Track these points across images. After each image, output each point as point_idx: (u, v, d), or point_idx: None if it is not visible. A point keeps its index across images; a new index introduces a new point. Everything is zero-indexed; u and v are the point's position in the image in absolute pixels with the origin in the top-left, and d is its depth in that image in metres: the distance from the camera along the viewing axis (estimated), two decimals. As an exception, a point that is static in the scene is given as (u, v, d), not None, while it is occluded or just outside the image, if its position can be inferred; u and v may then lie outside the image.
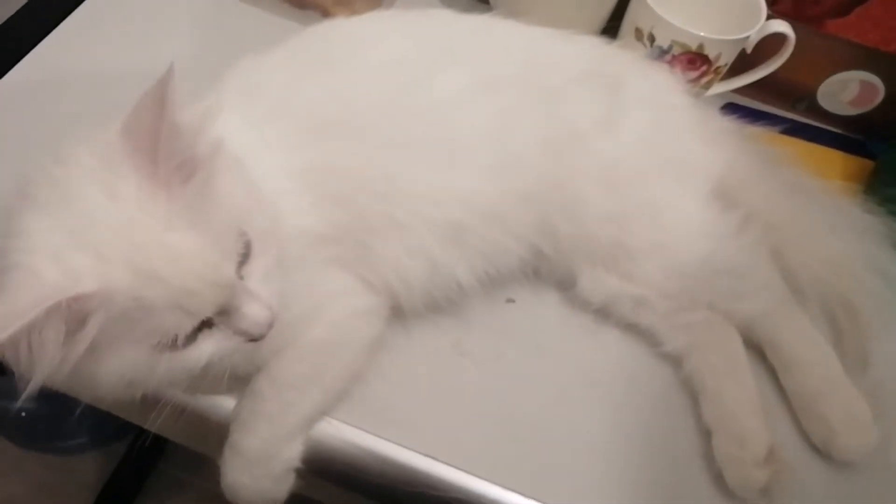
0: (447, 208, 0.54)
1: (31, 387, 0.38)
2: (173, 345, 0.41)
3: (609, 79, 0.60)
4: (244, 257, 0.43)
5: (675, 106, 0.62)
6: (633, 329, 0.60)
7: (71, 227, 0.39)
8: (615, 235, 0.58)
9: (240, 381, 0.51)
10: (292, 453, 0.50)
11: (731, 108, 0.78)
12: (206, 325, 0.42)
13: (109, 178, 0.39)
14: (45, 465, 1.22)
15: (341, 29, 0.58)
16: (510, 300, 0.61)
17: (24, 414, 1.07)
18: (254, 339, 0.43)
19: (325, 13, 0.77)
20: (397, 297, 0.55)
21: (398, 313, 0.57)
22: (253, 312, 0.42)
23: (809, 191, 0.64)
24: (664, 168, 0.59)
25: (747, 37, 0.65)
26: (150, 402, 0.47)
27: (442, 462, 0.53)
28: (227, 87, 0.53)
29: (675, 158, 0.60)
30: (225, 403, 0.52)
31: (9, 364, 0.38)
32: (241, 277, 0.43)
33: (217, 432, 0.51)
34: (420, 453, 0.53)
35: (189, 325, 0.40)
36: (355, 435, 0.53)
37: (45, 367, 0.37)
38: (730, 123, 0.67)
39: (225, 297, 0.41)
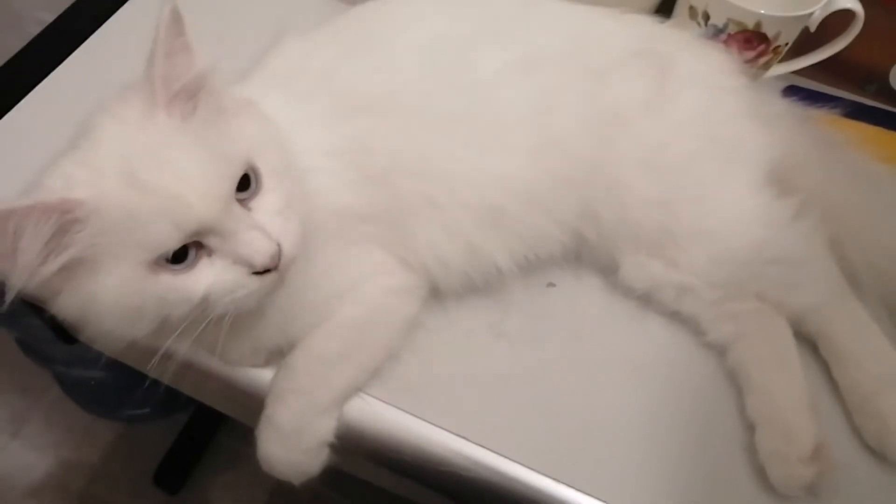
0: (486, 191, 0.53)
1: (12, 292, 0.39)
2: (167, 265, 0.41)
3: (658, 59, 0.58)
4: (254, 192, 0.44)
5: (729, 88, 0.60)
6: (676, 317, 0.58)
7: (84, 152, 0.41)
8: (660, 221, 0.56)
9: (279, 355, 0.52)
10: (326, 428, 0.51)
11: (793, 91, 0.74)
12: (204, 251, 0.42)
13: (121, 108, 0.42)
14: (113, 431, 1.28)
15: (384, 8, 0.58)
16: (551, 284, 0.60)
17: (93, 382, 1.13)
18: (258, 273, 0.42)
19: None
20: (435, 277, 0.55)
21: (436, 293, 0.57)
22: (252, 239, 0.42)
23: (872, 176, 0.61)
24: (715, 151, 0.57)
25: (811, 14, 0.62)
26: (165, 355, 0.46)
27: (475, 443, 0.53)
28: (269, 65, 0.54)
29: (727, 141, 0.58)
30: (264, 375, 0.53)
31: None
32: (248, 209, 0.43)
33: (258, 404, 0.52)
34: (454, 433, 0.53)
35: (177, 237, 0.40)
36: (389, 412, 0.53)
37: (28, 270, 0.39)
38: (789, 106, 0.64)
39: (215, 215, 0.41)
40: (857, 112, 0.69)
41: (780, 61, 0.68)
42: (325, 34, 0.57)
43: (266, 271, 0.43)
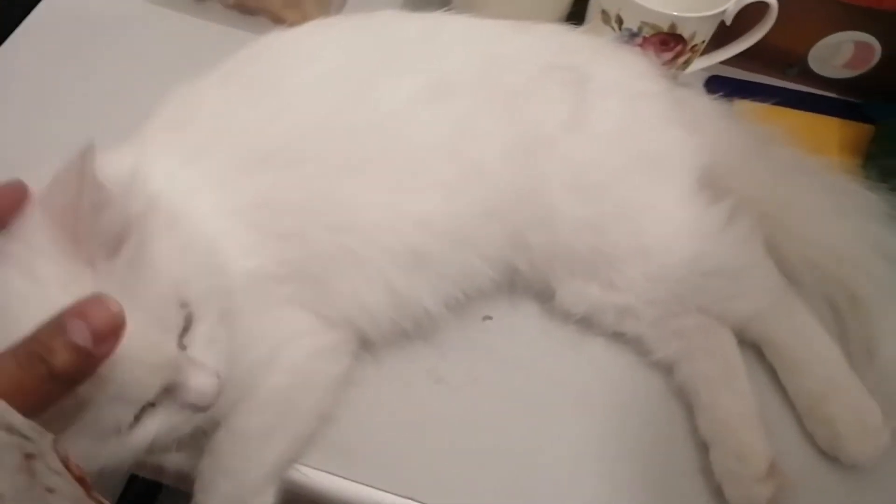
0: (405, 234, 0.50)
1: None
2: (116, 432, 0.38)
3: (573, 72, 0.55)
4: (185, 327, 0.40)
5: (648, 93, 0.57)
6: (619, 338, 0.56)
7: None
8: (592, 243, 0.54)
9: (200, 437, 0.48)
10: None
11: (716, 82, 0.73)
12: (149, 404, 0.39)
13: (30, 260, 0.36)
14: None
15: (277, 44, 0.54)
16: (487, 317, 0.58)
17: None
18: (202, 410, 0.40)
19: (275, 18, 0.73)
20: (362, 329, 0.52)
21: (366, 344, 0.54)
22: (198, 383, 0.39)
23: (804, 170, 0.59)
24: (640, 164, 0.55)
25: (723, 10, 0.60)
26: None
27: (421, 501, 0.50)
28: (156, 121, 0.50)
29: (652, 152, 0.55)
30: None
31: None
32: (182, 347, 0.39)
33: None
34: (401, 496, 0.50)
35: (131, 413, 0.37)
36: (330, 482, 0.50)
37: None
38: (713, 103, 0.62)
39: (167, 377, 0.38)
40: (784, 100, 0.68)
41: (700, 56, 0.66)
42: (212, 79, 0.52)
43: None
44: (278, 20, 0.72)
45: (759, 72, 0.74)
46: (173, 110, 0.50)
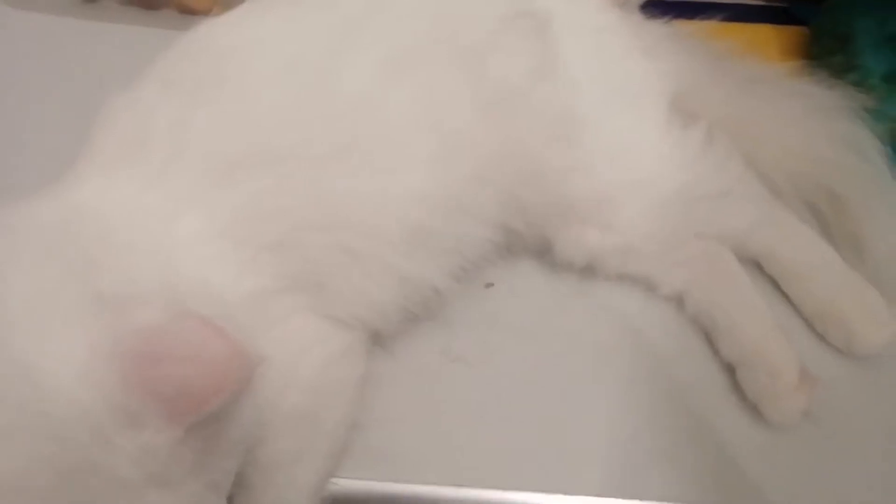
0: (397, 217, 0.47)
1: None
2: None
3: (531, 17, 0.53)
4: None
5: (608, 27, 0.56)
6: (624, 280, 0.55)
7: None
8: (584, 187, 0.52)
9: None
10: None
11: (651, 6, 0.72)
12: None
13: None
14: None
15: (213, 39, 0.48)
16: (489, 284, 0.56)
17: None
18: None
19: (183, 9, 0.66)
20: (371, 324, 0.48)
21: (377, 338, 0.50)
22: None
23: (763, 81, 0.60)
24: (616, 99, 0.54)
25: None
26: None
27: (471, 487, 0.48)
28: (102, 144, 0.44)
29: (625, 85, 0.54)
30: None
31: None
32: None
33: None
34: (445, 485, 0.48)
35: None
36: (370, 487, 0.47)
37: None
38: (663, 27, 0.61)
39: None
40: (719, 14, 0.68)
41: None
42: (151, 87, 0.46)
43: None
44: (187, 10, 0.65)
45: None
46: (117, 129, 0.44)
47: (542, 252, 0.55)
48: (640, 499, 0.48)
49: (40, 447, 0.30)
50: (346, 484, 0.47)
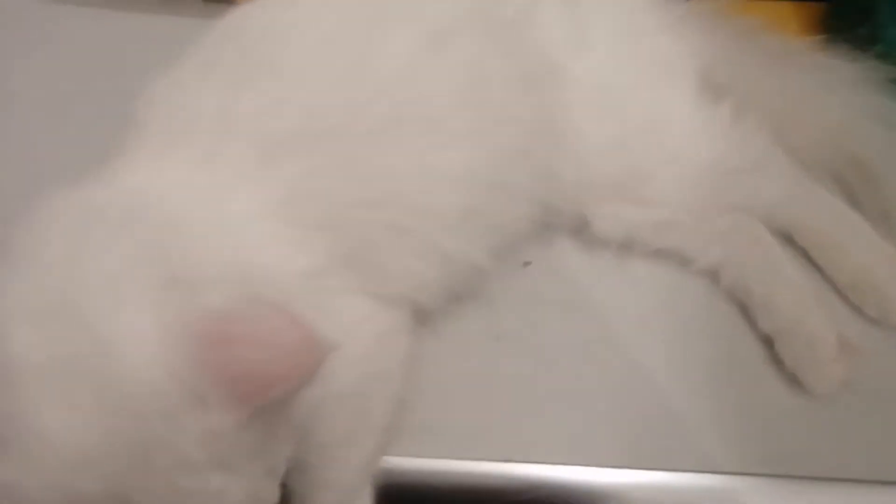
0: (443, 193, 0.47)
1: None
2: None
3: (565, -7, 0.53)
4: None
5: (635, 5, 0.56)
6: (660, 254, 0.56)
7: None
8: (622, 162, 0.53)
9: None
10: None
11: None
12: None
13: None
14: None
15: (250, 21, 0.48)
16: (527, 263, 0.56)
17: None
18: None
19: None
20: (417, 302, 0.49)
21: (421, 316, 0.50)
22: None
23: (787, 55, 0.60)
24: (650, 74, 0.54)
25: None
26: None
27: (518, 461, 0.48)
28: (150, 128, 0.44)
29: (658, 60, 0.55)
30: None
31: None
32: None
33: None
34: (493, 461, 0.48)
35: None
36: (420, 464, 0.48)
37: None
38: (685, 5, 0.61)
39: None
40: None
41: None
42: (191, 72, 0.46)
43: None
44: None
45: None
46: (162, 113, 0.45)
47: (579, 229, 0.55)
48: (684, 469, 0.49)
49: (114, 422, 0.31)
50: (395, 461, 0.47)
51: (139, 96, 0.46)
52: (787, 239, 0.57)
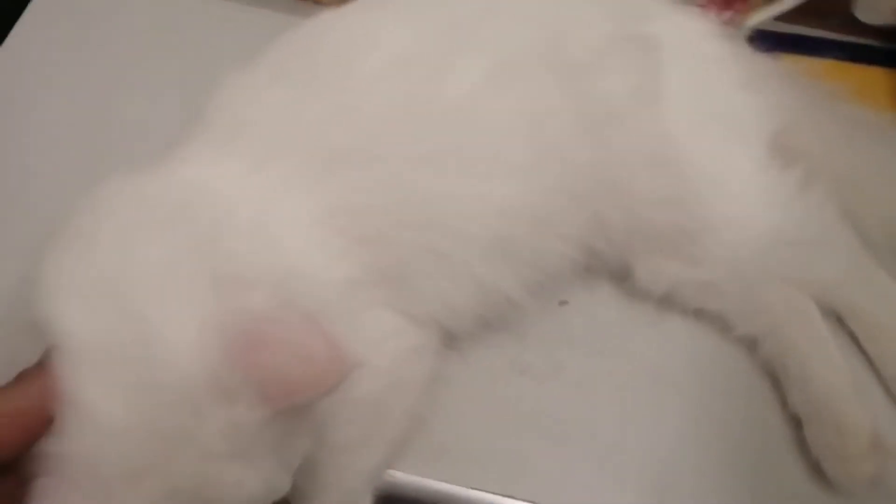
0: (487, 223, 0.47)
1: None
2: None
3: (642, 41, 0.52)
4: None
5: (717, 57, 0.55)
6: (699, 314, 0.55)
7: None
8: (673, 218, 0.51)
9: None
10: None
11: (758, 36, 0.70)
12: None
13: None
14: None
15: (329, 29, 0.50)
16: (563, 302, 0.56)
17: None
18: None
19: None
20: (446, 325, 0.49)
21: (448, 340, 0.51)
22: None
23: (869, 127, 0.58)
24: (716, 133, 0.52)
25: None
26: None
27: (521, 499, 0.49)
28: (214, 123, 0.46)
29: (727, 119, 0.53)
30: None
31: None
32: None
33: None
34: (498, 494, 0.49)
35: None
36: (423, 484, 0.49)
37: None
38: (771, 62, 0.60)
39: None
40: (830, 53, 0.66)
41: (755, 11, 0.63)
42: (265, 72, 0.48)
43: None
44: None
45: (797, 22, 0.71)
46: (227, 111, 0.46)
47: (621, 277, 0.55)
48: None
49: (147, 406, 0.33)
50: (401, 477, 0.48)
51: (212, 89, 0.48)
52: (837, 320, 0.55)
